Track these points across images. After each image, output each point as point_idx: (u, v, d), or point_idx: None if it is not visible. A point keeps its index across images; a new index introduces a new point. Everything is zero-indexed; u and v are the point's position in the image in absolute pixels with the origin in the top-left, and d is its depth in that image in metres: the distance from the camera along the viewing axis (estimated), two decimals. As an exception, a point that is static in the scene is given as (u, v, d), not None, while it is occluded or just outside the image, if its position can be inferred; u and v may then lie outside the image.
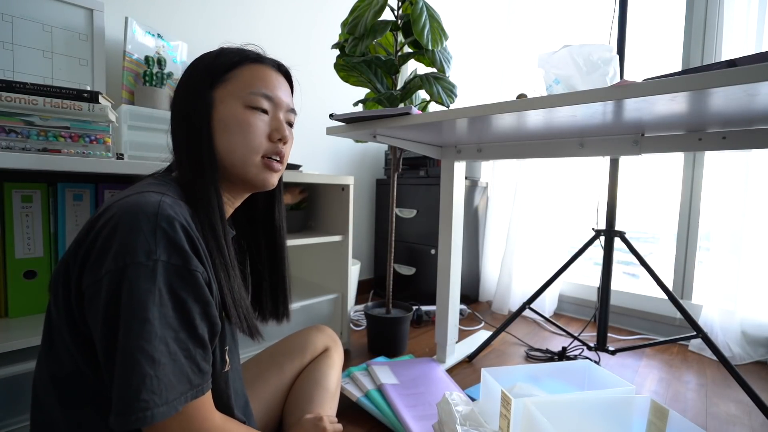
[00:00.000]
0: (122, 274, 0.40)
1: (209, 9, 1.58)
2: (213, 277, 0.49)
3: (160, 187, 0.49)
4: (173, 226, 0.43)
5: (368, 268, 2.36)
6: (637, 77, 0.71)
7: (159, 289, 0.41)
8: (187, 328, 0.43)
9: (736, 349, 1.43)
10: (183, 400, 0.42)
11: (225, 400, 0.55)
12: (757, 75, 0.50)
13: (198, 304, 0.44)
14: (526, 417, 0.79)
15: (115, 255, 0.41)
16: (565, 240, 1.91)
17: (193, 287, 0.44)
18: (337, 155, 2.16)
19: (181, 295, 0.43)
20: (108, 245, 0.42)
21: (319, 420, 0.70)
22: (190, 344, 0.43)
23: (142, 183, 0.51)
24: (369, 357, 1.37)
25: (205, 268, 0.47)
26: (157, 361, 0.39)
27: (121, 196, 0.46)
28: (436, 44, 1.24)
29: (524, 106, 0.73)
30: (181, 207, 0.47)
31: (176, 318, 0.42)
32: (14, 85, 0.79)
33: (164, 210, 0.44)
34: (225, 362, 0.54)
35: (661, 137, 0.96)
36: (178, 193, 0.51)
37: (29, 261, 0.87)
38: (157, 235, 0.42)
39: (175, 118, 0.57)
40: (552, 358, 1.44)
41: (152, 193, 0.46)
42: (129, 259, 0.40)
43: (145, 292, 0.40)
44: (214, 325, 0.47)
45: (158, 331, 0.40)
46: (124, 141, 1.12)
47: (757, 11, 1.40)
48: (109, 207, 0.45)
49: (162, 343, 0.40)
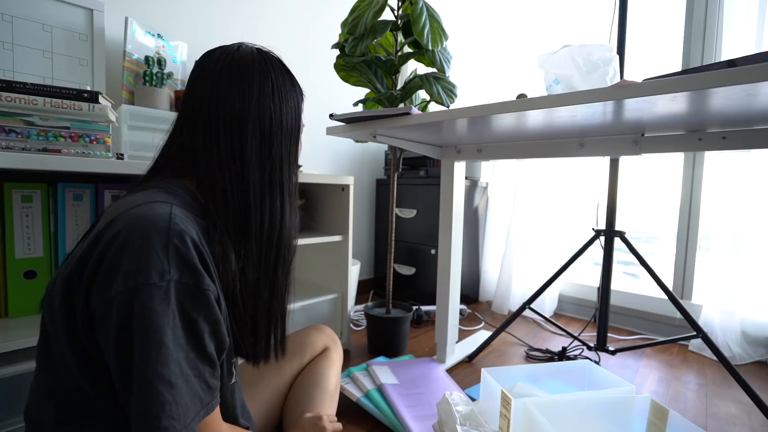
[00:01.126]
0: (135, 296, 0.38)
1: (209, 9, 1.58)
2: (222, 294, 0.48)
3: (168, 196, 0.47)
4: (185, 242, 0.42)
5: (368, 268, 2.36)
6: (637, 77, 0.71)
7: (172, 309, 0.40)
8: (197, 347, 0.42)
9: (736, 349, 1.43)
10: (197, 420, 0.41)
11: (231, 410, 0.55)
12: (757, 75, 0.50)
13: (208, 324, 0.43)
14: (526, 417, 0.79)
15: (126, 275, 0.39)
16: (565, 240, 1.91)
17: (205, 307, 0.43)
18: (337, 155, 2.16)
19: (192, 315, 0.41)
20: (117, 263, 0.40)
21: (319, 419, 0.70)
22: (199, 363, 0.42)
23: (147, 190, 0.48)
24: (369, 357, 1.37)
25: (215, 285, 0.45)
26: (174, 385, 0.39)
27: (127, 206, 0.44)
28: (436, 44, 1.24)
29: (524, 106, 0.73)
30: (190, 219, 0.45)
31: (185, 338, 0.41)
32: (14, 85, 0.79)
33: (176, 225, 0.42)
34: (232, 375, 0.54)
35: (661, 137, 0.96)
36: (185, 201, 0.49)
37: (29, 261, 0.87)
38: (170, 253, 0.40)
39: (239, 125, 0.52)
40: (552, 358, 1.44)
41: (161, 203, 0.44)
42: (142, 279, 0.39)
43: (160, 315, 0.39)
44: (222, 343, 0.46)
45: (173, 353, 0.39)
46: (124, 141, 1.12)
47: (757, 11, 1.40)
48: (115, 219, 0.43)
49: (177, 366, 0.39)
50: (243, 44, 0.57)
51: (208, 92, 0.52)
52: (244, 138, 0.52)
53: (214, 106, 0.52)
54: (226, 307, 0.49)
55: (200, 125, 0.52)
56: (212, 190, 0.51)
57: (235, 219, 0.52)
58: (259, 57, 0.55)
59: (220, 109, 0.52)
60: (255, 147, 0.53)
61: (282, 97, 0.55)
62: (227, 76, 0.53)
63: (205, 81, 0.53)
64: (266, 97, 0.53)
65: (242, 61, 0.54)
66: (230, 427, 0.51)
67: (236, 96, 0.52)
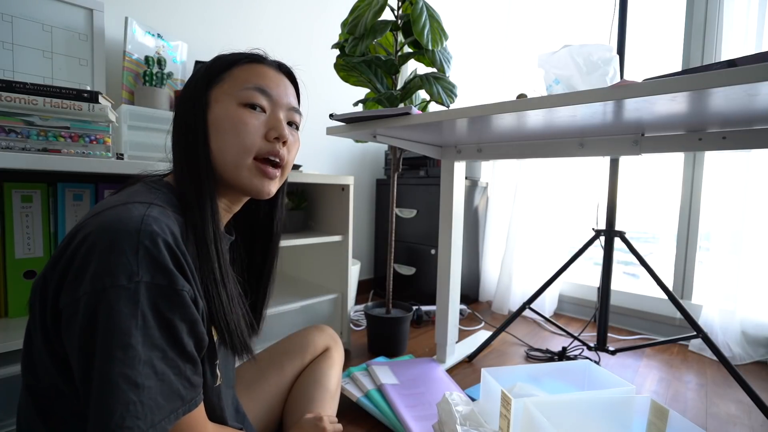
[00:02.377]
0: (101, 297, 0.38)
1: (209, 9, 1.58)
2: (200, 294, 0.47)
3: (148, 195, 0.47)
4: (156, 244, 0.41)
5: (368, 268, 2.36)
6: (637, 77, 0.71)
7: (142, 311, 0.39)
8: (176, 346, 0.42)
9: (736, 349, 1.43)
10: (174, 417, 0.42)
11: (218, 413, 0.55)
12: (757, 75, 0.50)
13: (185, 323, 0.43)
14: (526, 417, 0.79)
15: (93, 276, 0.39)
16: (565, 240, 1.91)
17: (180, 307, 0.42)
18: (337, 155, 2.16)
19: (167, 315, 0.41)
20: (86, 264, 0.40)
21: (319, 420, 0.70)
22: (179, 361, 0.43)
23: (131, 190, 0.50)
24: (369, 357, 1.37)
25: (191, 285, 0.45)
26: (141, 385, 0.39)
27: (105, 206, 0.44)
28: (436, 44, 1.24)
29: (524, 106, 0.73)
30: (168, 218, 0.45)
31: (163, 338, 0.41)
32: (14, 85, 0.79)
33: (147, 226, 0.41)
34: (216, 377, 0.53)
35: (661, 137, 0.96)
36: (168, 200, 0.49)
37: (29, 261, 0.87)
38: (140, 255, 0.40)
39: (174, 121, 0.56)
40: (552, 358, 1.44)
41: (137, 204, 0.44)
42: (109, 281, 0.38)
43: (127, 317, 0.38)
44: (201, 341, 0.46)
45: (142, 355, 0.39)
46: (124, 141, 1.12)
47: (757, 11, 1.40)
48: (91, 220, 0.43)
49: (147, 367, 0.39)
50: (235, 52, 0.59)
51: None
52: (176, 131, 0.55)
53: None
54: (206, 305, 0.48)
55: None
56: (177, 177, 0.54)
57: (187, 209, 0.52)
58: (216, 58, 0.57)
59: (174, 113, 0.57)
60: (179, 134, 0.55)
61: (190, 84, 0.56)
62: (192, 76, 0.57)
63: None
64: (181, 91, 0.58)
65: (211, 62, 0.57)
66: (217, 426, 0.51)
67: (177, 98, 0.58)
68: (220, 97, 0.53)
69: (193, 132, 0.52)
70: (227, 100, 0.53)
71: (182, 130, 0.54)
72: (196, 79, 0.56)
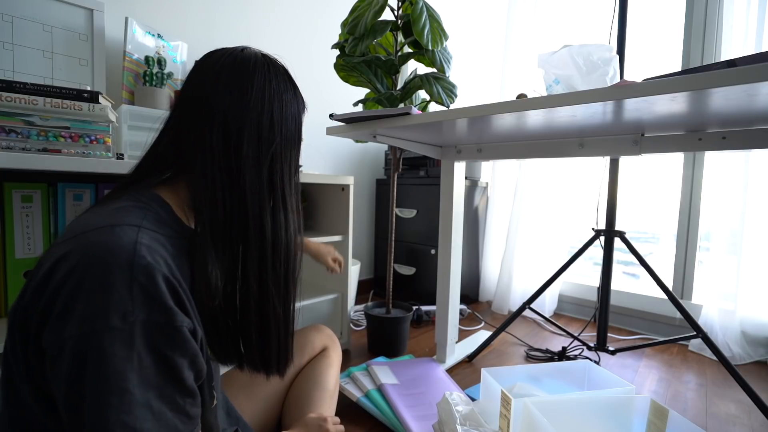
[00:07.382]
0: (91, 340, 0.35)
1: (209, 9, 1.58)
2: (198, 322, 0.44)
3: (137, 215, 0.42)
4: (152, 279, 0.37)
5: (368, 268, 2.36)
6: (637, 77, 0.71)
7: (138, 352, 0.36)
8: (174, 382, 0.40)
9: (736, 349, 1.43)
10: None
11: (214, 430, 0.54)
12: (757, 75, 0.50)
13: (185, 358, 0.40)
14: (526, 417, 0.79)
15: (82, 317, 0.35)
16: (565, 240, 1.91)
17: (180, 343, 0.39)
18: (337, 155, 2.16)
19: (167, 353, 0.38)
20: (73, 300, 0.36)
21: (324, 421, 0.70)
22: (177, 397, 0.40)
23: (116, 206, 0.44)
24: (369, 357, 1.37)
25: (190, 317, 0.41)
26: (140, 429, 0.36)
27: (89, 227, 0.40)
28: (436, 44, 1.24)
29: (524, 106, 0.73)
30: (160, 244, 0.41)
31: (160, 375, 0.38)
32: (14, 85, 0.79)
33: (141, 258, 0.37)
34: (213, 397, 0.51)
35: (661, 137, 0.96)
36: (158, 219, 0.45)
37: (29, 261, 0.87)
38: (134, 292, 0.36)
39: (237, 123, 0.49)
40: (552, 358, 1.44)
41: (125, 227, 0.39)
42: (101, 324, 0.35)
43: (122, 360, 0.35)
44: (200, 371, 0.43)
45: (139, 398, 0.36)
46: (124, 141, 1.12)
47: (757, 11, 1.40)
48: (74, 246, 0.38)
49: (144, 409, 0.37)
50: (247, 47, 0.54)
51: (206, 89, 0.49)
52: (240, 139, 0.48)
53: (212, 103, 0.48)
54: (203, 333, 0.46)
55: (195, 123, 0.48)
56: (203, 192, 0.47)
57: (227, 224, 0.48)
58: (263, 60, 0.52)
59: (217, 107, 0.48)
60: (252, 149, 0.49)
61: (283, 104, 0.52)
62: (227, 74, 0.49)
63: (204, 78, 0.50)
64: (266, 100, 0.50)
65: (245, 61, 0.51)
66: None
67: (235, 94, 0.49)
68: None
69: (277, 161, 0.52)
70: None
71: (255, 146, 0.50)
72: (296, 109, 0.55)
